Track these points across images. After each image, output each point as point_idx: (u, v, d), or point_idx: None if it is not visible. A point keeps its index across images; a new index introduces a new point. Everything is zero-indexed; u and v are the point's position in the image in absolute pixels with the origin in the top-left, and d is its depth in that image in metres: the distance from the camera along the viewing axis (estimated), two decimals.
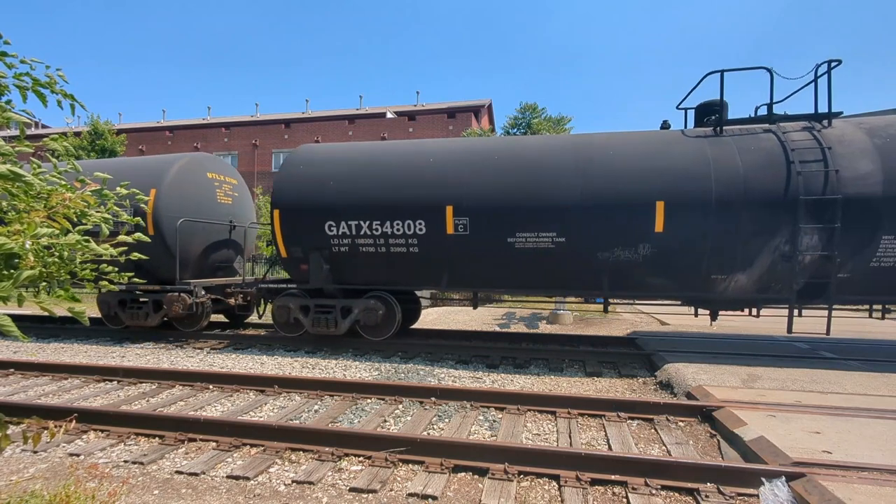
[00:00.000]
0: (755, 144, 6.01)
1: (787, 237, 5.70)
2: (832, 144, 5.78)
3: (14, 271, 1.59)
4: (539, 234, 6.24)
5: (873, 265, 5.63)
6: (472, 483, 3.17)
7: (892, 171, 5.53)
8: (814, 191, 5.62)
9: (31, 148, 1.91)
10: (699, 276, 6.07)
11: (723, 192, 5.78)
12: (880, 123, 6.05)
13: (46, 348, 7.71)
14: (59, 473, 3.29)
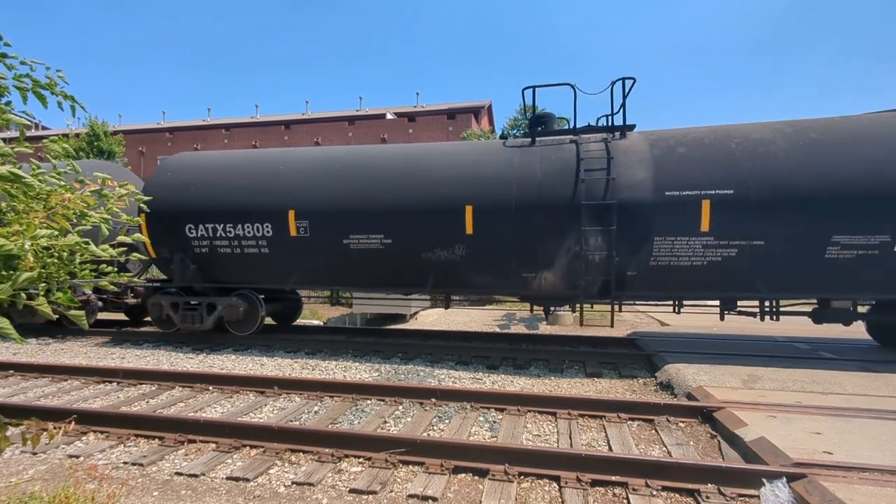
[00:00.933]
0: (556, 154, 6.60)
1: (576, 238, 6.26)
2: (617, 154, 6.32)
3: (13, 272, 1.58)
4: (370, 235, 6.86)
5: (652, 264, 6.15)
6: (472, 484, 3.17)
7: (662, 178, 6.01)
8: (595, 196, 6.18)
9: (31, 149, 1.91)
10: (511, 273, 6.67)
11: (522, 198, 6.36)
12: (666, 135, 6.59)
13: (46, 349, 7.70)
14: (58, 475, 3.28)
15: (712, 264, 5.96)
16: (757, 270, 5.94)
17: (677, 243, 5.96)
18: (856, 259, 5.60)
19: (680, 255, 6.01)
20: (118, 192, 2.19)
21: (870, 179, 5.50)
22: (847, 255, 5.60)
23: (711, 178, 5.86)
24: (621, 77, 6.65)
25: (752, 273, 5.97)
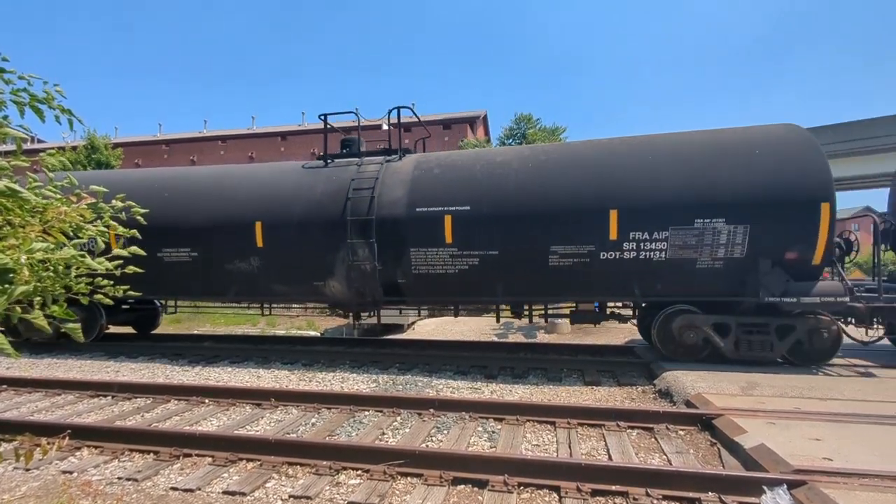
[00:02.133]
0: (338, 175, 7.34)
1: (348, 250, 6.88)
2: (385, 176, 7.10)
3: (8, 286, 1.58)
4: (179, 249, 7.66)
5: (415, 272, 6.83)
6: (471, 496, 3.14)
7: (415, 196, 6.75)
8: (359, 212, 6.83)
9: (28, 163, 1.91)
10: (304, 282, 7.39)
11: (304, 214, 7.11)
12: (430, 158, 7.51)
13: (40, 364, 7.62)
14: (51, 491, 3.23)
15: (461, 272, 6.67)
16: (496, 278, 6.67)
17: (429, 254, 6.70)
18: (572, 266, 6.33)
19: (434, 264, 6.74)
20: (115, 205, 2.19)
21: (577, 198, 6.33)
22: (565, 262, 6.32)
23: (454, 196, 6.64)
24: (397, 106, 8.03)
25: (493, 280, 6.73)
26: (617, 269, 6.22)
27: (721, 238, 5.89)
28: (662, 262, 6.09)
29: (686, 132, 6.86)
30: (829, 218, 5.67)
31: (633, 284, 6.38)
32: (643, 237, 6.07)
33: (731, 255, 5.94)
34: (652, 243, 6.06)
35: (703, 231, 5.91)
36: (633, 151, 6.51)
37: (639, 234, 6.07)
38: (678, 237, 5.99)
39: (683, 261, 6.05)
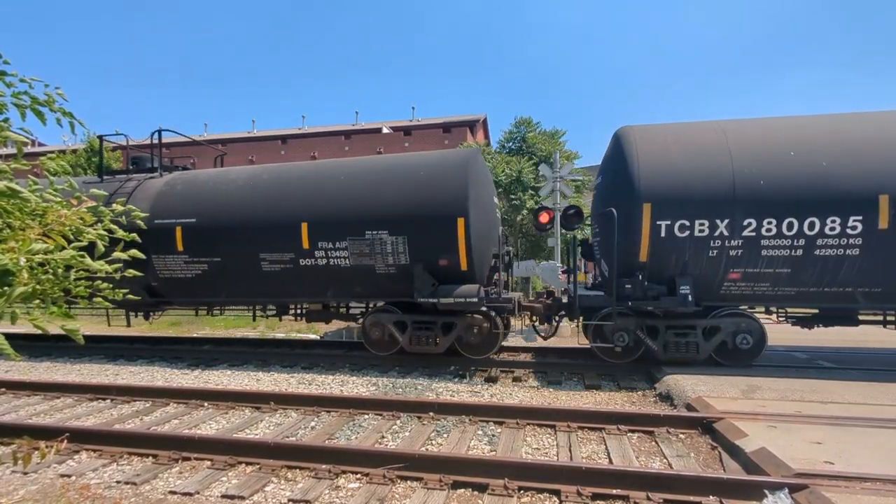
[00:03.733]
0: (105, 189, 7.58)
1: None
2: (138, 191, 7.82)
3: (7, 288, 1.57)
4: None
5: (161, 276, 7.66)
6: (471, 499, 3.12)
7: (156, 209, 7.44)
8: None
9: (28, 166, 1.91)
10: None
11: None
12: (184, 175, 8.32)
13: (38, 367, 7.61)
14: (49, 495, 3.22)
15: (196, 276, 7.51)
16: (223, 281, 7.50)
17: (168, 260, 7.51)
18: (280, 271, 7.19)
19: (174, 270, 7.56)
20: (115, 208, 2.19)
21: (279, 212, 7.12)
22: (275, 268, 7.20)
23: (185, 209, 7.45)
24: (159, 129, 8.79)
25: (220, 283, 7.56)
26: (315, 274, 7.12)
27: (388, 247, 6.75)
28: (348, 267, 6.95)
29: (375, 157, 8.18)
30: (465, 231, 6.45)
31: (328, 287, 7.28)
32: (329, 246, 6.95)
33: (399, 262, 6.80)
34: (336, 251, 6.95)
35: (373, 241, 6.76)
36: (325, 172, 7.49)
37: (326, 244, 6.95)
38: (356, 246, 6.84)
39: (365, 266, 6.90)
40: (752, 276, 5.90)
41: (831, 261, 5.65)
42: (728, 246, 5.82)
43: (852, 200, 5.47)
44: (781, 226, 5.64)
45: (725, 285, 6.06)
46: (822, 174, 5.58)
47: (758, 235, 5.73)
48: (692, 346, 6.20)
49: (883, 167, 5.49)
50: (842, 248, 5.58)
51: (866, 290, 5.75)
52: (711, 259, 5.93)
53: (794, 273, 5.80)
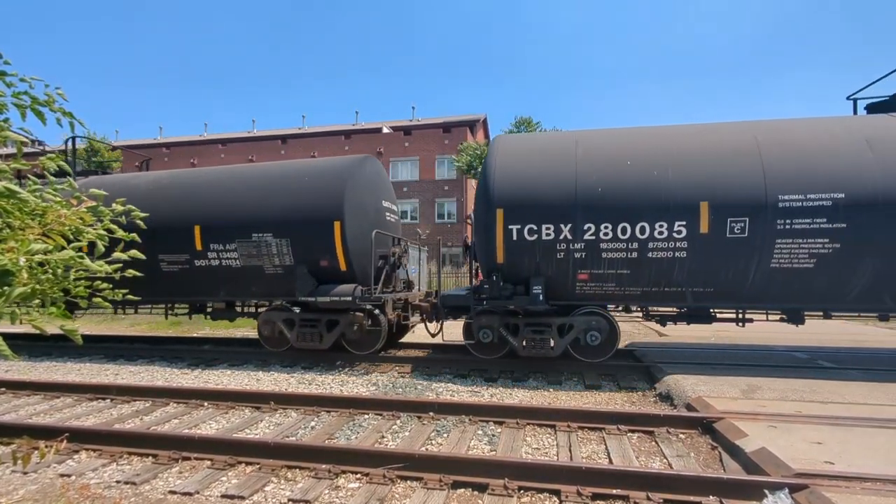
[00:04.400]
0: None
1: None
2: None
3: (7, 288, 1.57)
4: None
5: None
6: (471, 499, 3.12)
7: None
8: None
9: (28, 166, 1.91)
10: None
11: None
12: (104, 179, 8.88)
13: (38, 367, 7.61)
14: (49, 495, 3.22)
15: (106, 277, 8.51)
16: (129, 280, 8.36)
17: None
18: (178, 271, 7.62)
19: None
20: (115, 208, 2.19)
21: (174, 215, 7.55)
22: (173, 268, 7.64)
23: None
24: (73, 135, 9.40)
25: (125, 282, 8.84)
26: (210, 275, 7.52)
27: (273, 249, 7.17)
28: (239, 268, 7.35)
29: (268, 164, 8.55)
30: (342, 233, 6.95)
31: (222, 287, 7.65)
32: (220, 248, 7.37)
33: (284, 263, 7.23)
34: (227, 253, 7.35)
35: (259, 243, 7.16)
36: (218, 178, 7.88)
37: (218, 246, 7.37)
38: (244, 248, 7.24)
39: (254, 267, 7.30)
40: (598, 276, 6.28)
41: (664, 262, 6.02)
42: (573, 249, 6.20)
43: (677, 207, 5.85)
44: (616, 230, 6.02)
45: (578, 285, 6.41)
46: (653, 182, 5.97)
47: (597, 239, 6.10)
48: (547, 342, 6.58)
49: (704, 177, 5.87)
50: (671, 250, 5.95)
51: (696, 289, 6.12)
52: (560, 261, 6.29)
53: (634, 274, 6.16)
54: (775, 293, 5.96)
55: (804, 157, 5.73)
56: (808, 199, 5.57)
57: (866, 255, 5.55)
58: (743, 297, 6.06)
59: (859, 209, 5.47)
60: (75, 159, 9.25)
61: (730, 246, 5.76)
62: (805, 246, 5.62)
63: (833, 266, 5.62)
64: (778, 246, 5.67)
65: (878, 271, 5.60)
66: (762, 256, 5.73)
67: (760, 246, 5.69)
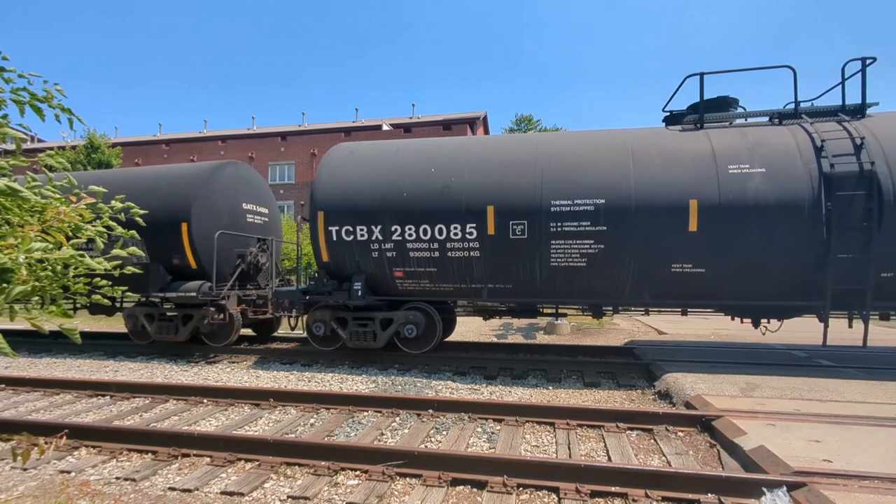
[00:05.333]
0: None
1: None
2: None
3: (6, 286, 1.57)
4: None
5: None
6: (470, 496, 3.13)
7: None
8: None
9: (27, 163, 1.91)
10: None
11: None
12: None
13: (38, 363, 7.62)
14: (49, 491, 3.22)
15: None
16: None
17: None
18: None
19: None
20: (114, 205, 2.19)
21: None
22: None
23: None
24: None
25: None
26: None
27: None
28: None
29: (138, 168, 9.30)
30: (189, 234, 7.61)
31: None
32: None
33: (142, 261, 7.36)
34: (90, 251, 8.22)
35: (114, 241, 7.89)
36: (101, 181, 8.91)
37: None
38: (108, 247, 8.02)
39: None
40: (412, 273, 6.82)
41: (463, 261, 6.56)
42: (384, 248, 6.75)
43: (469, 211, 6.40)
44: (419, 231, 6.56)
45: (397, 282, 6.94)
46: (449, 188, 6.52)
47: (404, 240, 6.64)
48: (370, 334, 7.06)
49: (492, 184, 6.44)
50: (466, 250, 6.50)
51: (496, 285, 6.64)
52: (376, 259, 6.84)
53: (441, 271, 6.69)
54: (563, 289, 6.50)
55: (574, 166, 6.33)
56: (576, 204, 6.14)
57: (626, 254, 6.07)
58: (537, 292, 6.59)
59: (618, 213, 5.99)
60: None
61: (514, 246, 6.33)
62: (576, 246, 6.21)
63: (601, 264, 6.17)
64: (553, 246, 6.24)
65: (638, 269, 6.13)
66: (542, 255, 6.30)
67: (539, 246, 6.26)
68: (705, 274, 5.94)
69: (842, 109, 6.24)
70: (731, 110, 6.74)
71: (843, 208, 5.49)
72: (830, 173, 5.54)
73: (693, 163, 5.96)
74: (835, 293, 5.61)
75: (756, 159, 5.83)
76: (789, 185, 5.65)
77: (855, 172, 5.52)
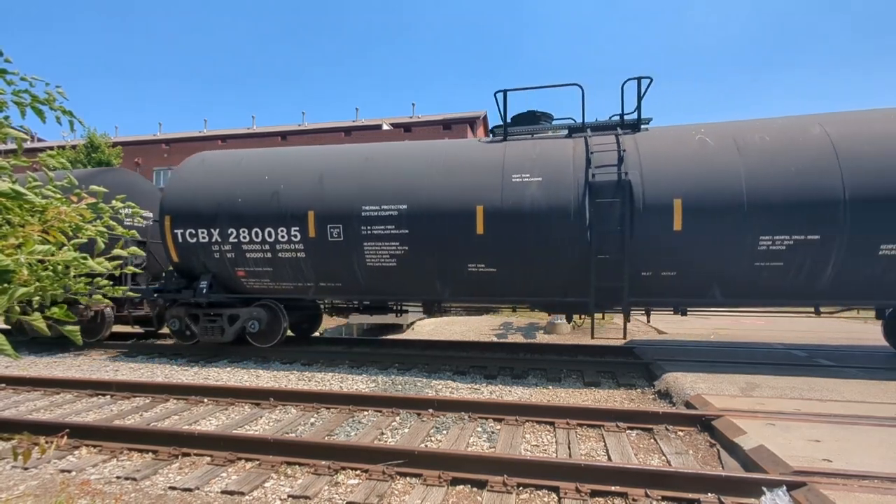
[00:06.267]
0: None
1: None
2: None
3: (8, 286, 1.57)
4: None
5: None
6: (470, 496, 3.14)
7: None
8: None
9: (28, 163, 1.91)
10: None
11: None
12: None
13: (38, 362, 7.62)
14: (49, 490, 3.23)
15: None
16: None
17: None
18: None
19: None
20: (114, 205, 2.19)
21: None
22: None
23: None
24: None
25: None
26: None
27: None
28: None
29: None
30: None
31: None
32: None
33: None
34: None
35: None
36: None
37: None
38: None
39: None
40: (253, 273, 7.35)
41: (293, 261, 7.09)
42: (224, 250, 7.30)
43: (293, 216, 6.97)
44: (251, 234, 7.13)
45: (242, 281, 7.46)
46: (277, 194, 7.10)
47: (239, 242, 7.20)
48: (219, 329, 7.63)
49: (312, 191, 6.99)
50: (293, 251, 7.04)
51: (326, 284, 7.24)
52: (218, 260, 7.37)
53: (277, 271, 7.26)
54: (383, 287, 7.09)
55: (384, 175, 6.91)
56: (383, 210, 6.72)
57: (428, 255, 6.64)
58: (363, 290, 7.20)
59: (417, 217, 6.58)
60: None
61: (334, 248, 6.90)
62: (385, 248, 6.78)
63: (408, 265, 6.74)
64: (366, 248, 6.82)
65: (439, 269, 6.71)
66: (358, 256, 6.87)
67: (353, 247, 6.84)
68: (497, 273, 6.52)
69: (621, 124, 6.82)
70: (543, 123, 7.48)
71: (603, 213, 6.05)
72: (593, 182, 6.09)
73: (485, 172, 6.55)
74: (598, 289, 6.13)
75: (536, 169, 6.41)
76: (560, 193, 6.22)
77: (613, 181, 6.06)
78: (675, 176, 5.94)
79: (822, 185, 5.55)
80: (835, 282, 5.72)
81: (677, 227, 5.83)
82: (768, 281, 5.82)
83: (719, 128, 6.39)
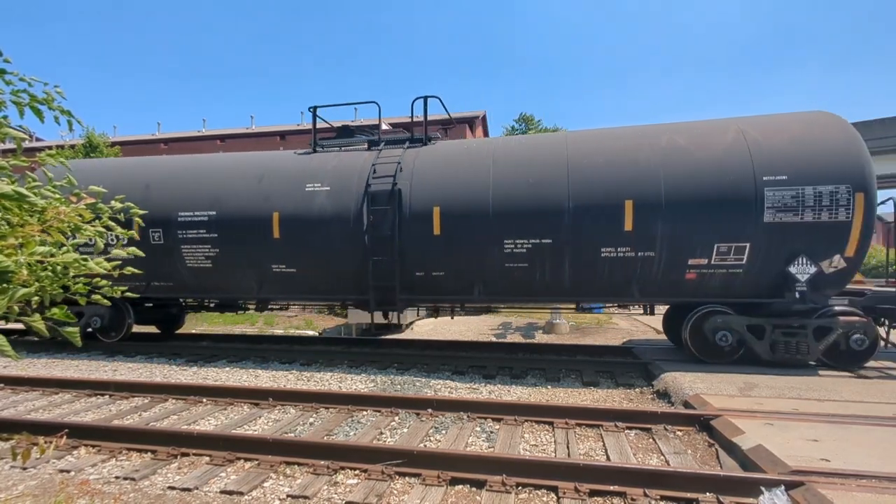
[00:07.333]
0: None
1: None
2: None
3: (9, 286, 1.57)
4: None
5: None
6: (469, 496, 3.14)
7: None
8: None
9: (27, 163, 1.91)
10: None
11: None
12: None
13: (37, 362, 7.60)
14: (48, 490, 3.23)
15: None
16: None
17: None
18: None
19: None
20: (113, 205, 2.19)
21: None
22: None
23: None
24: None
25: None
26: None
27: None
28: None
29: None
30: None
31: None
32: None
33: None
34: None
35: None
36: None
37: None
38: None
39: None
40: None
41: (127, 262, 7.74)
42: None
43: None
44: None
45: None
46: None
47: None
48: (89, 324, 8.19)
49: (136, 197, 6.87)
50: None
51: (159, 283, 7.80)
52: None
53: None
54: (207, 286, 7.77)
55: (198, 184, 7.59)
56: (196, 216, 7.36)
57: (236, 257, 7.30)
58: (189, 288, 7.87)
59: (224, 223, 7.27)
60: None
61: (157, 250, 7.44)
62: (200, 250, 7.38)
63: (222, 265, 7.41)
64: (184, 250, 7.42)
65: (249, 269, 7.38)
66: (178, 258, 7.49)
67: (173, 249, 7.47)
68: (297, 273, 7.19)
69: (411, 139, 7.58)
70: (358, 136, 8.19)
71: (378, 220, 6.68)
72: (371, 191, 6.74)
73: (286, 182, 7.20)
74: (376, 288, 6.82)
75: (328, 179, 7.07)
76: (343, 201, 6.88)
77: (387, 191, 6.71)
78: (436, 186, 6.65)
79: (551, 196, 6.22)
80: (574, 281, 6.40)
81: (437, 232, 6.50)
82: (521, 279, 6.48)
83: (486, 143, 7.22)
